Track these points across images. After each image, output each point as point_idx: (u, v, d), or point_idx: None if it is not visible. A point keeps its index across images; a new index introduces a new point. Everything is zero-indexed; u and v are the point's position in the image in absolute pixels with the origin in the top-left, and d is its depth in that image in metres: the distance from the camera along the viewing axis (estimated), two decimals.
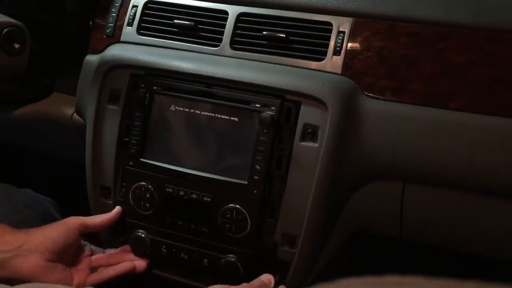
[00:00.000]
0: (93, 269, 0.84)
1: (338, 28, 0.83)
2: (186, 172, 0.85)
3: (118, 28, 0.97)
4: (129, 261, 0.86)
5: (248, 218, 0.81)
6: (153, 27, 0.95)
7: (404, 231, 0.87)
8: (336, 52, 0.83)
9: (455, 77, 0.77)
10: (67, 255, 0.80)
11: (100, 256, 0.87)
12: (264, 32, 0.87)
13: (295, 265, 0.82)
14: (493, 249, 0.87)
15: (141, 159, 0.87)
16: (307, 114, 0.80)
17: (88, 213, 0.90)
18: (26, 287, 0.60)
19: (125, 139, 0.89)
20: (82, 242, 0.85)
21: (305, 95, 0.79)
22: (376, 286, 0.27)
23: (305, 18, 0.86)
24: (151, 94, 0.87)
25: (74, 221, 0.82)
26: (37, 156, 1.29)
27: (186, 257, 0.87)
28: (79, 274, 0.81)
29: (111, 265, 0.85)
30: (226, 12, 0.90)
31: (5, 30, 0.95)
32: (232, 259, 0.83)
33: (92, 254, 0.86)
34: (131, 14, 0.96)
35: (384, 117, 0.80)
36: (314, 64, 0.84)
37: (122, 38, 0.96)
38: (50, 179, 1.32)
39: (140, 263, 0.87)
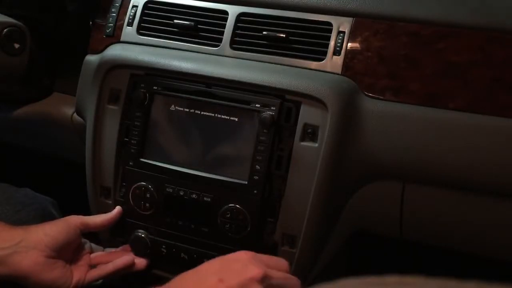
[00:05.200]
0: (93, 267, 0.84)
1: (338, 28, 0.83)
2: (186, 172, 0.85)
3: (118, 28, 0.97)
4: (128, 256, 0.86)
5: (248, 218, 0.81)
6: (153, 27, 0.95)
7: (404, 231, 0.87)
8: (336, 52, 0.83)
9: (455, 77, 0.77)
10: (67, 253, 0.80)
11: (99, 253, 0.87)
12: (264, 32, 0.87)
13: (295, 265, 0.82)
14: (493, 249, 0.87)
15: (141, 159, 0.87)
16: (307, 114, 0.80)
17: (88, 213, 0.90)
18: None
19: (125, 139, 0.89)
20: (83, 240, 0.85)
21: (305, 95, 0.79)
22: (376, 286, 0.27)
23: (305, 18, 0.86)
24: (151, 94, 0.87)
25: (75, 220, 0.82)
26: (37, 156, 1.29)
27: (186, 257, 0.87)
28: (79, 270, 0.81)
29: None
30: (226, 12, 0.90)
31: (5, 30, 0.95)
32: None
33: (91, 252, 0.86)
34: (131, 14, 0.96)
35: (384, 117, 0.79)
36: (314, 64, 0.84)
37: (122, 38, 0.96)
38: (50, 179, 1.32)
39: (140, 262, 0.87)
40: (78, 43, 1.02)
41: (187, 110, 0.85)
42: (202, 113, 0.84)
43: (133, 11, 0.96)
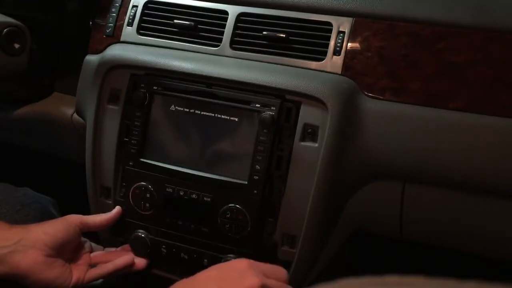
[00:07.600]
0: (92, 266, 0.84)
1: (338, 28, 0.83)
2: (186, 172, 0.85)
3: (118, 28, 0.97)
4: (128, 256, 0.86)
5: (248, 218, 0.81)
6: (153, 27, 0.95)
7: (404, 231, 0.87)
8: (336, 52, 0.83)
9: (455, 77, 0.77)
10: (66, 251, 0.80)
11: (99, 253, 0.87)
12: (264, 32, 0.87)
13: (295, 265, 0.82)
14: (493, 249, 0.87)
15: (141, 159, 0.87)
16: (307, 114, 0.80)
17: (88, 213, 0.90)
18: None
19: (125, 139, 0.89)
20: (83, 239, 0.85)
21: (305, 95, 0.79)
22: (376, 286, 0.27)
23: (305, 18, 0.86)
24: (151, 94, 0.87)
25: (75, 219, 0.82)
26: (37, 156, 1.29)
27: (186, 257, 0.87)
28: (78, 269, 0.81)
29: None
30: (226, 12, 0.90)
31: (5, 30, 0.95)
32: (232, 259, 0.83)
33: (91, 251, 0.86)
34: (131, 14, 0.96)
35: (384, 117, 0.80)
36: (314, 64, 0.84)
37: (122, 38, 0.96)
38: (50, 179, 1.32)
39: (140, 261, 0.87)
40: (78, 43, 1.02)
41: (187, 110, 0.85)
42: (202, 113, 0.84)
43: (133, 11, 0.96)
